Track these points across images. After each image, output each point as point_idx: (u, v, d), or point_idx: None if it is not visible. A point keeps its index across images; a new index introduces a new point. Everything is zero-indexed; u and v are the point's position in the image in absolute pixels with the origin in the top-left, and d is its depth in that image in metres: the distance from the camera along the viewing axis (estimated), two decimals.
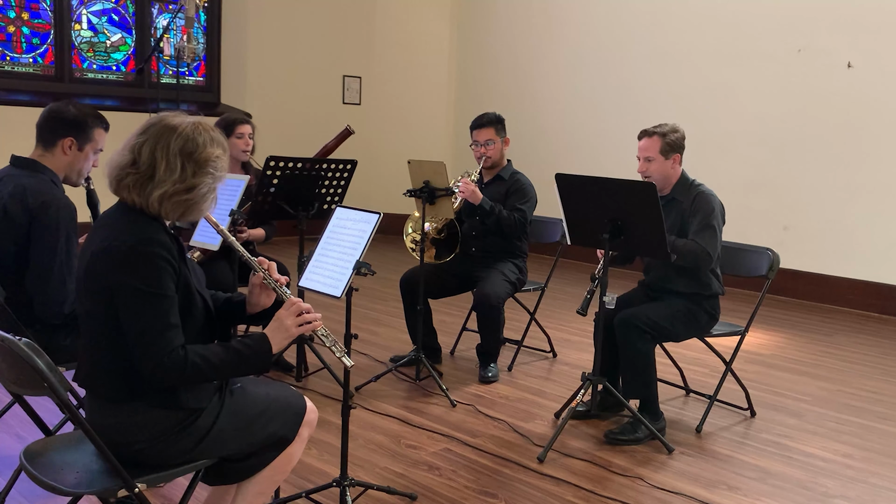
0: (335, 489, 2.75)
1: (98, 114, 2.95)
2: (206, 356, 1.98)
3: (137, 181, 2.00)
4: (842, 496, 3.11)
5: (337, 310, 5.02)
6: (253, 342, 2.07)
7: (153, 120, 2.07)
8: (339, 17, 9.07)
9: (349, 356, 2.28)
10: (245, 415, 2.15)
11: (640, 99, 7.67)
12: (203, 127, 2.07)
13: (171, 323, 1.95)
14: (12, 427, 3.34)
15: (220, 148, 2.08)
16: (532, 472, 3.19)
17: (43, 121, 2.88)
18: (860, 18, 6.34)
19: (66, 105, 2.89)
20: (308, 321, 2.13)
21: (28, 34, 7.55)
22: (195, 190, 2.03)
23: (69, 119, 2.85)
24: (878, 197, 6.32)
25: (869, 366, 4.93)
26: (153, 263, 1.94)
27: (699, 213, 3.52)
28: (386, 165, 8.81)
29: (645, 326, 3.47)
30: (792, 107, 6.73)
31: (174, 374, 1.94)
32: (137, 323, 1.92)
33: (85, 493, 2.00)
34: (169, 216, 2.05)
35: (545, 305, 5.02)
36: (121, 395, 2.01)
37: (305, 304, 2.15)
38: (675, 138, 3.58)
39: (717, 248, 3.51)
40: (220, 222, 3.51)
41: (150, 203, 2.00)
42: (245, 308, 2.27)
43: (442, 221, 4.31)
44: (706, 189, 3.60)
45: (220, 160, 2.08)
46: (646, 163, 3.61)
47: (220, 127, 4.22)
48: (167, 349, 1.92)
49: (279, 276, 2.23)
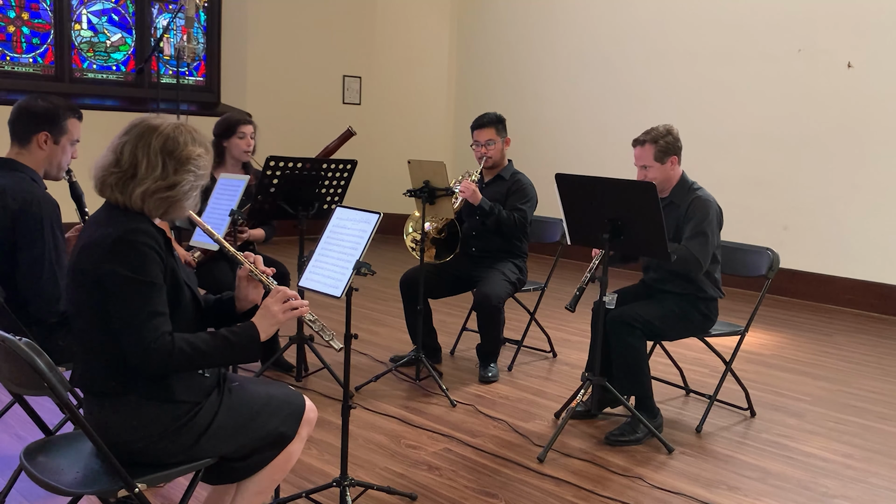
0: (335, 489, 2.75)
1: (69, 104, 2.89)
2: (194, 343, 2.00)
3: (120, 180, 2.03)
4: (842, 496, 3.11)
5: (337, 310, 5.02)
6: (241, 329, 2.08)
7: (135, 121, 2.11)
8: (339, 17, 9.07)
9: (338, 340, 2.29)
10: (244, 412, 2.16)
11: (640, 98, 7.67)
12: (184, 127, 2.11)
13: (158, 310, 1.97)
14: (12, 427, 3.34)
15: (202, 147, 2.11)
16: (532, 472, 3.19)
17: (14, 118, 2.82)
18: (860, 18, 6.34)
19: (34, 99, 2.84)
20: (295, 307, 2.15)
21: (28, 34, 7.56)
22: (177, 187, 2.06)
23: (40, 113, 2.80)
24: (878, 197, 6.32)
25: (869, 366, 4.93)
26: (139, 251, 1.96)
27: (693, 219, 3.51)
28: (386, 165, 8.81)
29: (635, 323, 3.48)
30: (792, 107, 6.73)
31: (161, 360, 1.95)
32: (125, 310, 1.94)
33: (85, 493, 2.00)
34: (152, 213, 2.07)
35: (545, 305, 5.02)
36: (114, 389, 2.01)
37: (292, 290, 2.17)
38: (667, 142, 3.55)
39: (707, 254, 3.48)
40: (220, 222, 3.55)
41: (132, 200, 2.03)
42: (235, 306, 2.28)
43: (442, 221, 4.31)
44: (704, 194, 3.59)
45: (202, 159, 2.10)
46: (643, 170, 3.61)
47: (222, 127, 4.23)
48: (154, 335, 1.94)
49: (265, 267, 2.24)
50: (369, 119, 9.27)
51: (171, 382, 2.04)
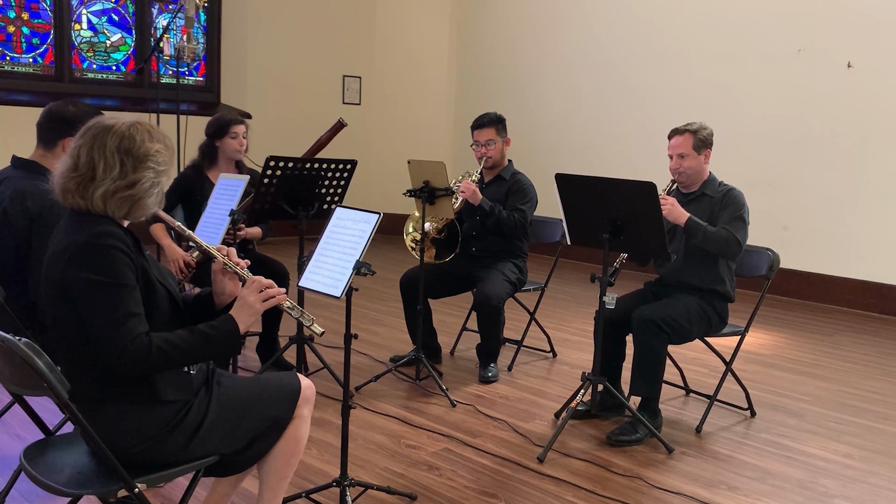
0: (335, 489, 2.75)
1: (97, 112, 2.92)
2: (172, 340, 1.98)
3: (79, 184, 2.01)
4: (842, 496, 3.11)
5: (337, 310, 5.03)
6: (219, 323, 2.07)
7: (89, 123, 2.08)
8: (339, 17, 9.07)
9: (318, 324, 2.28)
10: (236, 405, 2.16)
11: (640, 98, 7.67)
12: (140, 125, 2.08)
13: (132, 311, 1.94)
14: (12, 427, 3.34)
15: (160, 143, 2.08)
16: (532, 472, 3.18)
17: (43, 121, 2.88)
18: (860, 18, 6.33)
19: (65, 104, 2.90)
20: (271, 296, 2.14)
21: (28, 34, 7.55)
22: (137, 185, 2.03)
23: (69, 118, 2.84)
24: (878, 197, 6.32)
25: (869, 366, 4.93)
26: (107, 254, 1.94)
27: (730, 207, 3.62)
28: (386, 165, 8.81)
29: (664, 324, 3.48)
30: (792, 107, 6.73)
31: (140, 361, 1.92)
32: (98, 314, 1.91)
33: (85, 493, 2.00)
34: (115, 214, 2.04)
35: (545, 305, 5.02)
36: (98, 394, 2.00)
37: (266, 280, 2.16)
38: (705, 135, 3.68)
39: (745, 238, 3.59)
40: (220, 222, 3.55)
41: (94, 203, 2.01)
42: (214, 301, 2.27)
43: (442, 221, 4.31)
44: (736, 189, 3.70)
45: (161, 154, 2.07)
46: (679, 159, 3.67)
47: (214, 127, 4.23)
48: (129, 336, 1.91)
49: (239, 259, 2.23)
50: (369, 119, 9.27)
51: (157, 383, 2.03)
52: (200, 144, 4.29)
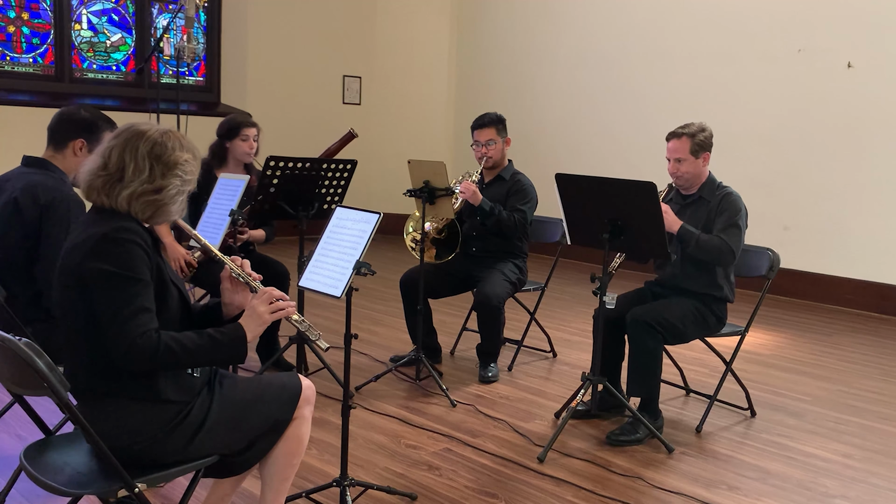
0: (335, 489, 2.75)
1: (108, 118, 3.06)
2: (180, 340, 1.99)
3: (106, 183, 2.05)
4: (842, 496, 3.11)
5: (337, 310, 5.03)
6: (227, 329, 2.09)
7: (124, 126, 2.13)
8: (339, 17, 9.07)
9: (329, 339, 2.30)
10: (237, 407, 2.17)
11: (640, 98, 7.67)
12: (172, 133, 2.13)
13: (144, 306, 1.96)
14: (12, 427, 3.34)
15: (189, 153, 2.14)
16: (532, 472, 3.19)
17: (55, 123, 2.98)
18: (860, 18, 6.34)
19: (77, 109, 3.03)
20: (281, 308, 2.15)
21: (28, 34, 7.55)
22: (164, 191, 2.08)
23: (80, 121, 2.96)
24: (878, 197, 6.32)
25: (869, 366, 4.93)
26: (125, 248, 1.97)
27: (725, 213, 3.58)
28: (386, 165, 8.81)
29: (657, 325, 3.48)
30: (792, 107, 6.73)
31: (146, 356, 1.94)
32: (110, 306, 1.94)
33: (85, 493, 2.00)
34: (138, 216, 2.07)
35: (545, 305, 5.02)
36: (102, 389, 2.01)
37: (278, 291, 2.18)
38: (703, 137, 3.64)
39: (739, 246, 3.57)
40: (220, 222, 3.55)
41: (118, 203, 2.04)
42: (222, 311, 2.28)
43: (442, 221, 4.31)
44: (734, 192, 3.66)
45: (189, 164, 2.13)
46: (676, 164, 3.65)
47: (226, 128, 4.23)
48: (139, 331, 1.93)
49: (252, 272, 2.25)
50: (369, 119, 9.27)
51: (159, 382, 2.04)
52: (211, 144, 4.29)
